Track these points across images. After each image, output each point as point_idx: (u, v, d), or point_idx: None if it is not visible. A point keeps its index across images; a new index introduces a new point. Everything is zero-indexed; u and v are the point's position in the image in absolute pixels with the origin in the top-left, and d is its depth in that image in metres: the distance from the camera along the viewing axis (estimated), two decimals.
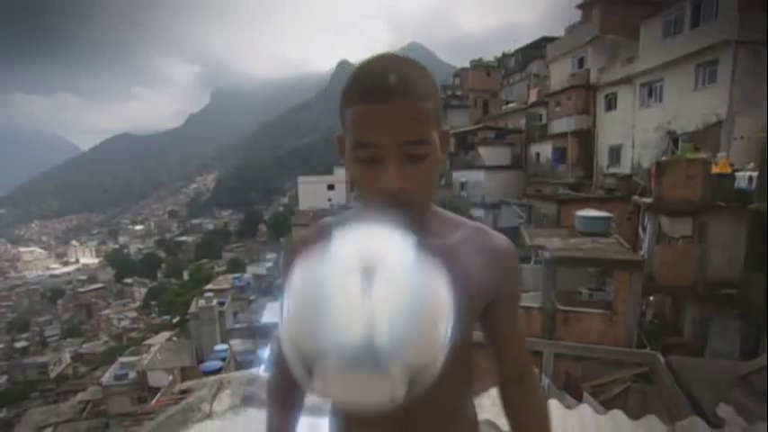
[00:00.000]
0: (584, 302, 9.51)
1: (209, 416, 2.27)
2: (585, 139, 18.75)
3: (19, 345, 58.93)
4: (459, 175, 23.85)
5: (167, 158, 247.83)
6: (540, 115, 22.55)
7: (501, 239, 0.78)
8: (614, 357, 7.71)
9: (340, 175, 37.80)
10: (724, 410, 1.89)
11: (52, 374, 42.17)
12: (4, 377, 47.09)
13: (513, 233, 14.59)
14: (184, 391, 2.39)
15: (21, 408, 31.46)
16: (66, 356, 46.76)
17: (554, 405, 2.31)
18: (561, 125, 19.53)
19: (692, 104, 13.24)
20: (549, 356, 7.81)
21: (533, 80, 25.91)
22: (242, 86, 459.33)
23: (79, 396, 22.53)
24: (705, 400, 2.17)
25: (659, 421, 2.04)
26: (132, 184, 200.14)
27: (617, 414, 2.17)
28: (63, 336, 59.32)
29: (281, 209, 70.35)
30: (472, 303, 0.72)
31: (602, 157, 18.14)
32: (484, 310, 0.77)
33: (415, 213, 0.66)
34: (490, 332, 0.81)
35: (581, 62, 19.13)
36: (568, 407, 2.31)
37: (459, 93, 32.02)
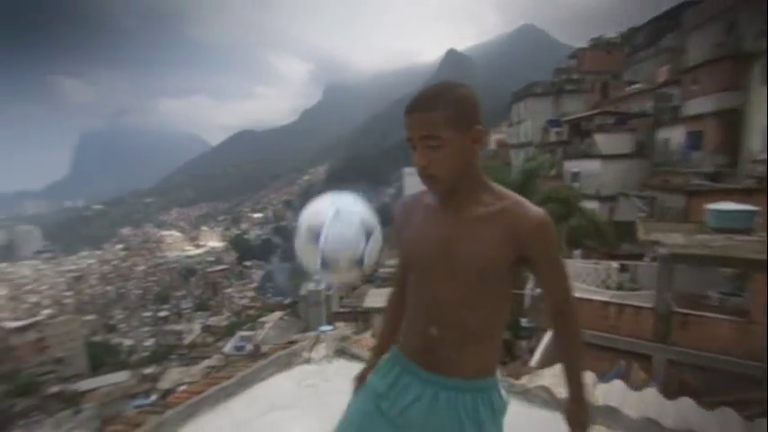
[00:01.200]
0: (712, 307, 8.35)
1: (308, 361, 2.77)
2: (730, 119, 16.01)
3: (162, 314, 69.93)
4: (571, 165, 22.29)
5: (283, 152, 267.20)
6: (671, 95, 19.81)
7: (534, 212, 1.01)
8: (748, 372, 6.69)
9: None
10: None
11: (186, 341, 49.45)
12: (152, 340, 57.47)
13: (628, 227, 13.26)
14: (290, 342, 2.92)
15: (162, 366, 37.73)
16: (197, 327, 54.08)
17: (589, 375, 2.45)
18: (699, 105, 16.95)
19: None
20: (660, 361, 7.07)
21: (665, 56, 22.78)
22: (352, 81, 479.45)
23: (206, 362, 26.40)
24: None
25: (693, 402, 2.19)
26: (253, 175, 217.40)
27: (650, 392, 2.35)
28: (194, 309, 67.89)
29: (387, 200, 72.42)
30: (486, 259, 1.01)
31: (753, 141, 15.30)
32: (523, 265, 1.05)
33: (439, 184, 1.03)
34: (537, 281, 1.14)
35: (730, 27, 16.21)
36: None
37: (574, 76, 29.57)
